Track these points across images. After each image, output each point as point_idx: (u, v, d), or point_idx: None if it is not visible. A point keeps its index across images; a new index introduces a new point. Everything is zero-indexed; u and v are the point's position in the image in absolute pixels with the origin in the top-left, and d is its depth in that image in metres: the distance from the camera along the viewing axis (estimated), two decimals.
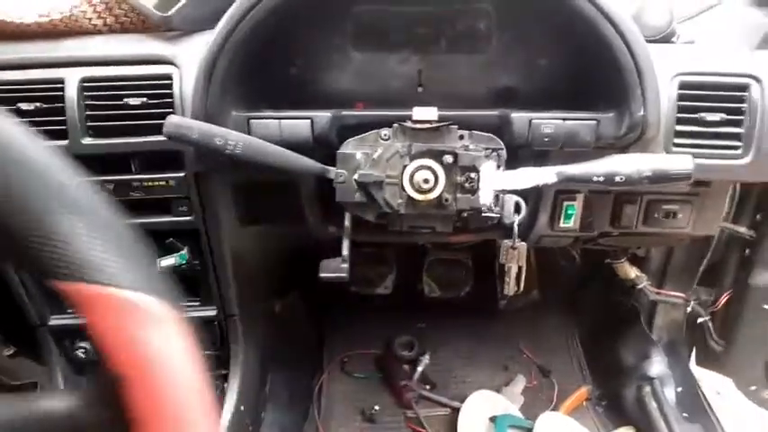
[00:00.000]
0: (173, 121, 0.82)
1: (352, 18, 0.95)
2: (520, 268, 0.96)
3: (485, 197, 0.85)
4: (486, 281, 1.68)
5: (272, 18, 0.86)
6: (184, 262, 1.09)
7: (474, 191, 0.85)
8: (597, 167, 0.82)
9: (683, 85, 0.94)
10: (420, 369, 1.56)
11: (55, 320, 1.15)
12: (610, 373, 1.53)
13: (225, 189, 1.05)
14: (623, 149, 0.93)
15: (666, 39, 1.01)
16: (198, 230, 1.08)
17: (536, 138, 0.90)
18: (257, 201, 1.08)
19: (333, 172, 0.87)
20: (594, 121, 0.90)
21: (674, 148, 0.95)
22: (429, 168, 0.85)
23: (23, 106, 0.96)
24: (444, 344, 1.65)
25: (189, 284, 1.16)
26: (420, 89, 1.01)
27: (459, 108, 0.94)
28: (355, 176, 0.86)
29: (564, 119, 0.90)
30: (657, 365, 1.45)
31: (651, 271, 1.41)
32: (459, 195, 0.86)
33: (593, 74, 0.92)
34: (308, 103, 0.97)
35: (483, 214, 0.85)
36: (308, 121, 0.92)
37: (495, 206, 0.85)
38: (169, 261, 1.07)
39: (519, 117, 0.91)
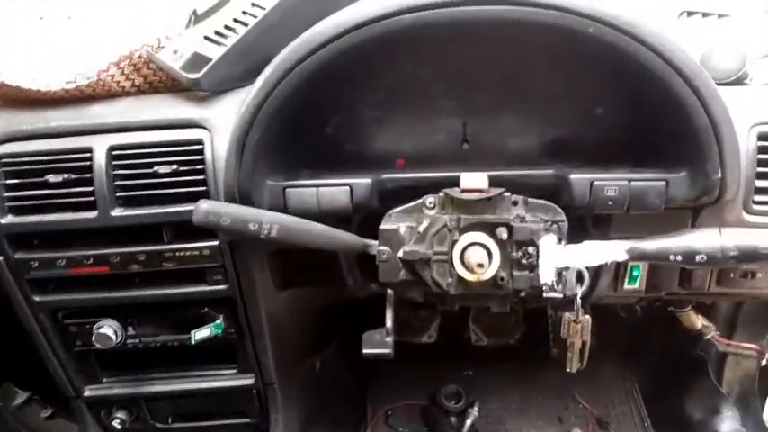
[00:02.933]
0: (202, 208, 0.76)
1: (392, 75, 0.88)
2: (584, 343, 0.87)
3: (545, 275, 0.76)
4: (537, 325, 1.59)
5: (307, 83, 0.80)
6: (220, 331, 1.04)
7: (533, 267, 0.77)
8: (674, 244, 0.73)
9: (762, 136, 0.84)
10: (469, 422, 1.47)
11: (90, 391, 1.11)
12: (675, 427, 1.42)
13: (260, 255, 0.99)
14: (696, 211, 0.84)
15: (739, 81, 0.91)
16: (233, 298, 1.02)
17: (598, 201, 0.82)
18: (294, 265, 1.02)
19: (375, 248, 0.80)
20: (663, 182, 0.81)
21: (755, 206, 0.85)
22: (481, 245, 0.77)
23: (51, 178, 0.93)
24: (493, 393, 1.56)
25: (225, 352, 1.11)
26: (465, 145, 0.93)
27: (509, 165, 0.87)
28: (400, 254, 0.79)
29: (629, 180, 0.81)
30: (729, 421, 1.34)
31: (719, 319, 1.30)
32: (515, 273, 0.78)
33: (660, 127, 0.83)
34: (346, 162, 0.91)
35: (544, 295, 0.77)
36: (347, 188, 0.85)
37: (557, 284, 0.77)
38: (204, 332, 1.03)
39: (578, 179, 0.82)
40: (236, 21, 1.08)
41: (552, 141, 0.93)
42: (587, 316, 0.85)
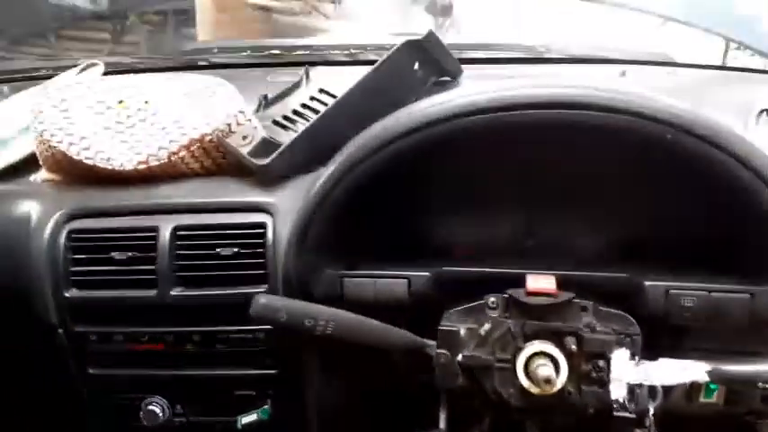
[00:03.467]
0: (260, 302, 0.75)
1: (461, 171, 0.87)
2: None
3: (617, 391, 0.71)
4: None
5: (374, 176, 0.79)
6: (266, 417, 1.01)
7: (603, 383, 0.72)
8: (764, 369, 0.67)
9: None
10: None
11: None
12: None
13: (312, 344, 0.97)
14: None
15: None
16: (284, 383, 1.00)
17: (674, 312, 0.76)
18: (345, 352, 0.99)
19: (433, 349, 0.76)
20: (747, 295, 0.75)
21: None
22: (548, 355, 0.72)
23: (117, 255, 0.94)
24: None
25: None
26: (530, 241, 0.90)
27: (576, 266, 0.82)
28: (459, 358, 0.75)
29: (709, 291, 0.76)
30: None
31: None
32: (585, 388, 0.73)
33: (744, 236, 0.77)
34: (407, 255, 0.89)
35: (615, 413, 0.71)
36: (405, 281, 0.83)
37: (629, 402, 0.71)
38: (251, 417, 1.01)
39: (654, 286, 0.77)
40: (304, 106, 1.11)
41: (624, 243, 0.88)
42: None
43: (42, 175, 1.07)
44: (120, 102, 1.01)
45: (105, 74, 1.20)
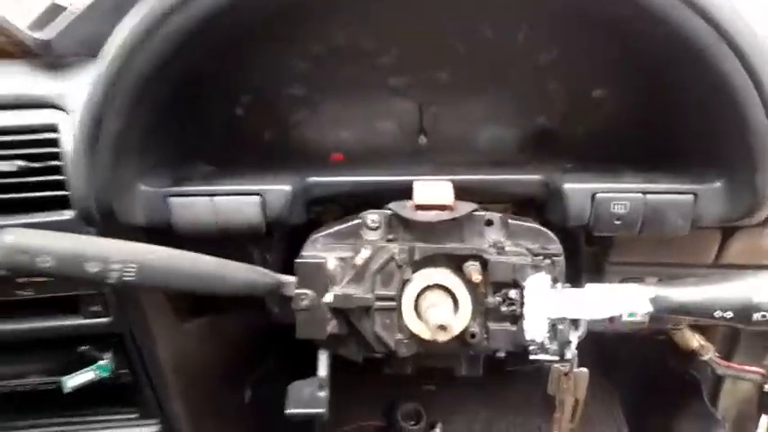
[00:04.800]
0: (5, 242, 0.49)
1: (322, 38, 0.63)
2: (577, 401, 0.66)
3: (534, 330, 0.54)
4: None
5: (192, 42, 0.54)
6: (107, 374, 0.83)
7: (516, 319, 0.54)
8: (721, 295, 0.51)
9: None
10: None
11: None
12: None
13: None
14: (726, 233, 0.64)
15: None
16: (120, 333, 0.80)
17: (602, 220, 0.61)
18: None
19: (291, 288, 0.56)
20: (690, 196, 0.59)
21: None
22: (444, 288, 0.54)
23: None
24: (457, 412, 1.38)
25: (121, 394, 0.90)
26: (422, 138, 0.70)
27: (480, 166, 0.65)
28: (327, 298, 0.55)
29: (644, 192, 0.59)
30: None
31: (717, 338, 1.13)
32: (492, 326, 0.55)
33: (690, 121, 0.61)
34: (260, 158, 0.70)
35: (531, 356, 0.55)
36: (257, 198, 0.61)
37: (550, 341, 0.55)
38: (86, 376, 0.83)
39: (576, 189, 0.60)
40: None
41: (536, 133, 0.72)
42: (584, 369, 0.64)
43: None
44: None
45: None
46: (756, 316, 0.50)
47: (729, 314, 0.51)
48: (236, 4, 0.54)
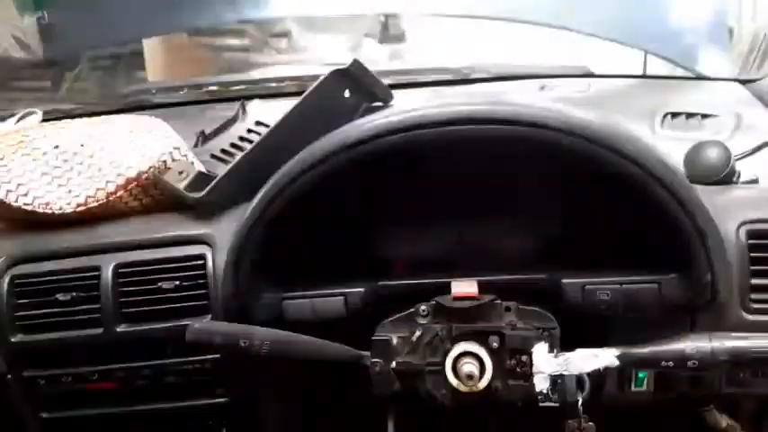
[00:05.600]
0: (194, 328, 0.78)
1: (386, 189, 0.92)
2: None
3: (540, 383, 0.75)
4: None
5: (302, 199, 0.83)
6: None
7: (527, 377, 0.76)
8: (665, 350, 0.72)
9: (752, 234, 0.84)
10: None
11: None
12: None
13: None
14: (693, 313, 0.83)
15: (726, 180, 0.93)
16: (237, 409, 1.01)
17: (592, 305, 0.82)
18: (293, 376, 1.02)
19: (368, 360, 0.80)
20: (655, 285, 0.81)
21: (753, 305, 0.84)
22: (473, 354, 0.77)
23: (61, 297, 0.96)
24: None
25: None
26: (460, 251, 0.95)
27: (505, 270, 0.87)
28: (393, 365, 0.79)
29: (620, 283, 0.81)
30: None
31: (746, 417, 1.23)
32: (510, 382, 0.77)
33: (647, 233, 0.84)
34: (344, 272, 0.93)
35: (540, 404, 0.75)
36: (341, 298, 0.87)
37: (552, 392, 0.76)
38: None
39: (570, 283, 0.83)
40: (241, 139, 1.15)
41: (545, 246, 0.94)
42: (591, 423, 0.82)
43: None
44: (56, 146, 1.03)
45: (43, 121, 1.22)
46: (689, 363, 0.70)
47: (671, 363, 0.71)
48: (317, 184, 0.81)
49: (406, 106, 0.85)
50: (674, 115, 1.11)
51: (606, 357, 0.74)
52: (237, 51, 2.28)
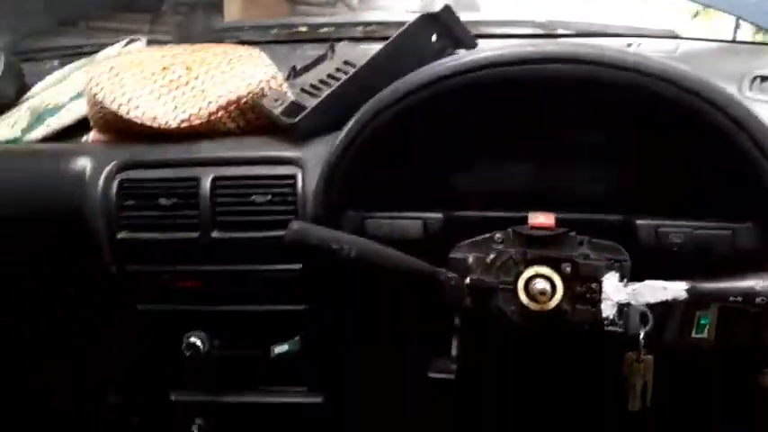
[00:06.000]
0: (293, 227, 0.86)
1: (474, 123, 0.96)
2: (645, 383, 0.88)
3: (607, 310, 0.80)
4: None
5: (392, 126, 0.89)
6: (297, 348, 1.11)
7: (595, 302, 0.81)
8: (734, 285, 0.75)
9: None
10: None
11: (176, 396, 1.20)
12: None
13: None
14: (765, 263, 0.85)
15: None
16: (311, 317, 1.09)
17: (664, 247, 0.85)
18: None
19: (443, 274, 0.86)
20: (729, 231, 0.83)
21: None
22: (545, 277, 0.82)
23: (163, 201, 1.05)
24: None
25: (299, 370, 1.17)
26: (536, 190, 0.99)
27: (578, 211, 0.91)
28: (467, 281, 0.85)
29: (694, 228, 0.84)
30: None
31: None
32: (578, 307, 0.82)
33: (727, 182, 0.86)
34: (423, 200, 0.98)
35: (605, 329, 0.80)
36: (420, 221, 0.93)
37: (618, 320, 0.80)
38: (283, 348, 1.10)
39: (644, 225, 0.86)
40: (330, 77, 1.21)
41: (621, 190, 0.97)
42: (650, 356, 0.87)
43: (93, 135, 1.19)
44: (164, 68, 1.12)
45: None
46: (758, 300, 0.73)
47: (740, 299, 0.74)
48: (408, 113, 0.87)
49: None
50: (764, 79, 1.10)
51: (675, 289, 0.77)
52: (311, 5, 2.33)
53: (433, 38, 1.22)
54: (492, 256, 0.85)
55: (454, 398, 1.02)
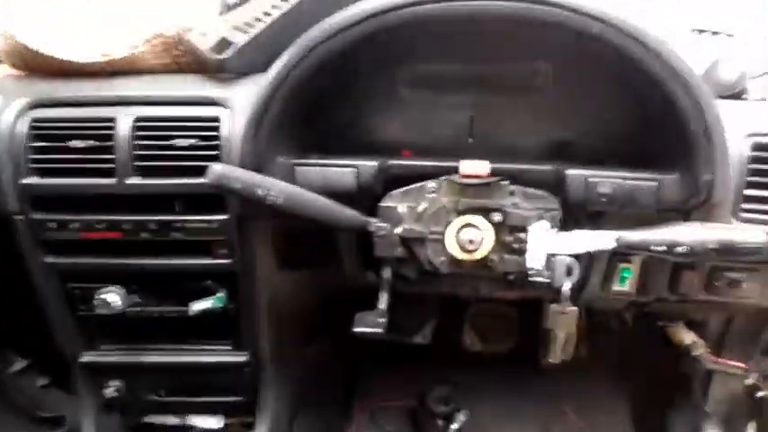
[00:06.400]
0: (215, 169, 0.81)
1: (407, 68, 0.93)
2: (568, 335, 0.90)
3: (533, 260, 0.80)
4: (531, 335, 1.60)
5: (321, 68, 0.85)
6: (221, 305, 1.07)
7: (522, 252, 0.81)
8: (658, 236, 0.77)
9: (756, 147, 0.88)
10: (455, 426, 1.48)
11: (88, 357, 1.14)
12: None
13: (266, 234, 1.03)
14: (687, 213, 0.88)
15: (737, 96, 0.96)
16: (235, 273, 1.06)
17: (592, 197, 0.86)
18: (296, 246, 1.06)
19: (373, 225, 0.84)
20: (655, 183, 0.85)
21: (743, 213, 0.89)
22: (475, 227, 0.81)
23: (75, 143, 0.97)
24: (482, 400, 1.56)
25: (221, 328, 1.14)
26: (470, 140, 0.97)
27: (511, 161, 0.90)
28: (397, 231, 0.83)
29: (623, 178, 0.85)
30: None
31: (709, 336, 1.31)
32: (506, 256, 0.82)
33: (657, 132, 0.87)
34: (356, 149, 0.95)
35: (531, 278, 0.81)
36: (354, 169, 0.90)
37: (545, 270, 0.81)
38: (205, 304, 1.06)
39: (574, 174, 0.87)
40: (265, 14, 1.14)
41: (554, 141, 0.97)
42: (575, 308, 0.88)
43: (4, 70, 1.08)
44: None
45: None
46: (679, 249, 0.75)
47: (662, 248, 0.76)
48: (341, 51, 0.83)
49: None
50: (701, 31, 1.13)
51: (602, 239, 0.78)
52: None
53: None
54: (424, 205, 0.83)
55: None
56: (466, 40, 0.86)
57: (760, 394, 1.27)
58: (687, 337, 1.29)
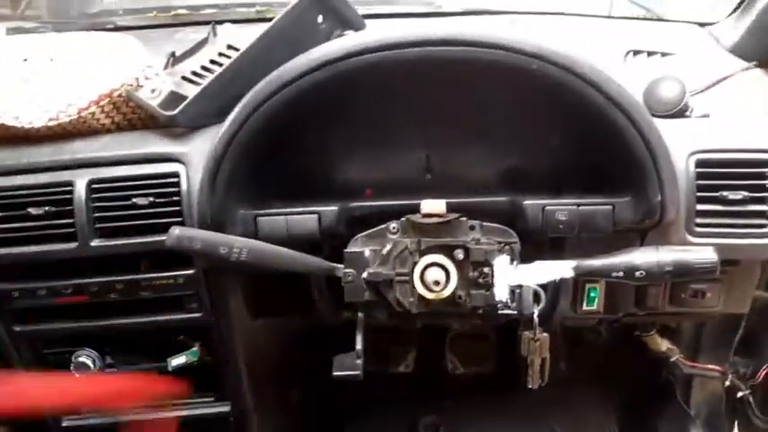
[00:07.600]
0: (174, 233, 0.81)
1: (357, 111, 0.94)
2: (543, 360, 0.91)
3: (500, 293, 0.81)
4: (511, 355, 1.61)
5: (275, 118, 0.85)
6: (196, 359, 1.07)
7: (488, 286, 0.82)
8: (616, 261, 0.79)
9: (700, 164, 0.90)
10: None
11: (68, 422, 1.12)
12: None
13: (235, 284, 1.03)
14: (643, 233, 0.89)
15: (680, 113, 0.98)
16: (208, 326, 1.05)
17: (550, 225, 0.87)
18: (268, 294, 1.06)
19: (341, 271, 0.84)
20: (610, 206, 0.87)
21: (697, 229, 0.91)
22: (440, 265, 0.81)
23: (33, 211, 0.96)
24: (471, 424, 1.57)
25: (202, 381, 1.12)
26: (428, 176, 0.98)
27: (469, 194, 0.92)
28: (364, 275, 0.83)
29: (578, 205, 0.87)
30: None
31: (683, 342, 1.34)
32: (473, 292, 0.82)
33: (605, 157, 0.89)
34: (318, 192, 0.95)
35: (500, 311, 0.81)
36: (315, 215, 0.90)
37: (511, 302, 0.82)
38: (180, 359, 1.06)
39: (531, 205, 0.88)
40: (212, 62, 1.14)
41: (508, 171, 0.98)
42: (545, 334, 0.89)
43: None
44: (25, 59, 1.02)
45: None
46: (637, 273, 0.77)
47: (621, 273, 0.78)
48: (292, 102, 0.84)
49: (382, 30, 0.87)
50: (636, 53, 1.15)
51: (562, 268, 0.79)
52: None
53: (319, 19, 1.18)
54: (388, 247, 0.83)
55: None
56: (411, 84, 0.87)
57: (740, 395, 1.30)
58: (662, 344, 1.32)
